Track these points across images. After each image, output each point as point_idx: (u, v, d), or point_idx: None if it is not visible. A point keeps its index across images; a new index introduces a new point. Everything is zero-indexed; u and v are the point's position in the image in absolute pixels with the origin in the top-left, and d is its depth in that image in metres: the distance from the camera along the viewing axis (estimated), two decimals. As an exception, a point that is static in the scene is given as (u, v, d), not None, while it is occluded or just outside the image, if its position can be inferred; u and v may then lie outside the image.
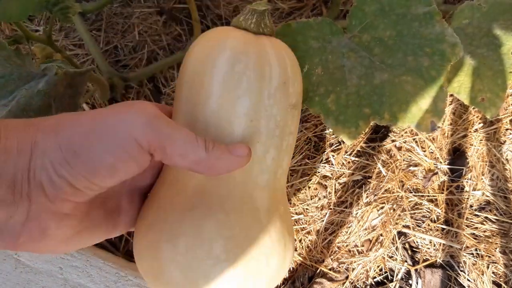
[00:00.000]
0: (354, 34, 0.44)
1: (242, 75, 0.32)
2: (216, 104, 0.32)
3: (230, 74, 0.31)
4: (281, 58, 0.34)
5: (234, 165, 0.30)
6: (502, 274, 0.71)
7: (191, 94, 0.33)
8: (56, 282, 0.64)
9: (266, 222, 0.33)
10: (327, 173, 0.76)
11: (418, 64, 0.41)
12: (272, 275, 0.33)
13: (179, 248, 0.30)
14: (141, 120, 0.27)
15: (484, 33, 0.51)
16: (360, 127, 0.42)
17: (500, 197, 0.74)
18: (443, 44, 0.41)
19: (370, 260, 0.72)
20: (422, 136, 0.77)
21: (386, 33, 0.43)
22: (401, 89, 0.41)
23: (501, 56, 0.50)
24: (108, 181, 0.27)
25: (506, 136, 0.77)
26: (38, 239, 0.27)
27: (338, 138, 0.78)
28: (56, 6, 0.47)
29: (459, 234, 0.73)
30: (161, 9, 0.85)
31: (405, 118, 0.41)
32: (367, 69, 0.42)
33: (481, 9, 0.51)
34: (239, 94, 0.31)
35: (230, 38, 0.33)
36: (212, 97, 0.32)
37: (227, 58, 0.32)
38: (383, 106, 0.41)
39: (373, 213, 0.74)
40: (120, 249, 0.72)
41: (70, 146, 0.26)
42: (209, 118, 0.32)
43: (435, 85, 0.40)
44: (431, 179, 0.75)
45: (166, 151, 0.27)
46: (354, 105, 0.42)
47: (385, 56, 0.42)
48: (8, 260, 0.66)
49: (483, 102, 0.49)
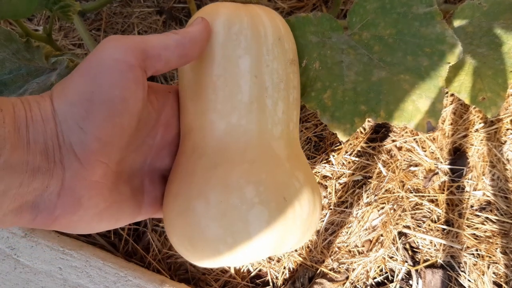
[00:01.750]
0: (354, 31, 0.44)
1: (239, 35, 0.34)
2: (220, 67, 0.34)
3: (228, 36, 0.34)
4: (272, 18, 0.37)
5: (201, 33, 0.33)
6: (502, 275, 0.71)
7: (195, 64, 0.35)
8: (56, 282, 0.64)
9: (289, 167, 0.34)
10: (327, 173, 0.76)
11: (417, 64, 0.41)
12: (304, 217, 0.34)
13: (211, 201, 0.31)
14: (119, 45, 0.29)
15: (484, 32, 0.50)
16: (355, 124, 0.41)
17: (500, 197, 0.74)
18: (443, 45, 0.40)
19: (370, 261, 0.72)
20: (423, 136, 0.77)
21: (387, 31, 0.43)
22: (398, 88, 0.41)
23: (501, 55, 0.49)
24: (125, 118, 0.29)
25: (506, 136, 0.76)
26: (73, 210, 0.28)
27: (339, 138, 0.78)
28: (56, 4, 0.47)
29: (460, 235, 0.73)
30: (161, 9, 0.85)
31: (401, 117, 0.40)
32: (365, 66, 0.42)
33: (482, 8, 0.51)
34: (240, 53, 0.34)
35: (222, 7, 0.36)
36: (215, 61, 0.34)
37: (223, 22, 0.34)
38: (380, 103, 0.41)
39: (373, 213, 0.74)
40: (119, 250, 0.72)
41: (81, 97, 0.28)
42: (216, 82, 0.34)
43: (433, 86, 0.40)
44: (432, 179, 0.75)
45: (149, 53, 0.30)
46: (350, 102, 0.42)
47: (384, 54, 0.42)
48: (7, 260, 0.65)
49: (484, 102, 0.49)
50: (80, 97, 0.28)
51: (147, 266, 0.70)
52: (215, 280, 0.71)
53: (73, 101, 0.28)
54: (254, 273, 0.72)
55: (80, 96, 0.28)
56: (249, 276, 0.71)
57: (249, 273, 0.72)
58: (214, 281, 0.71)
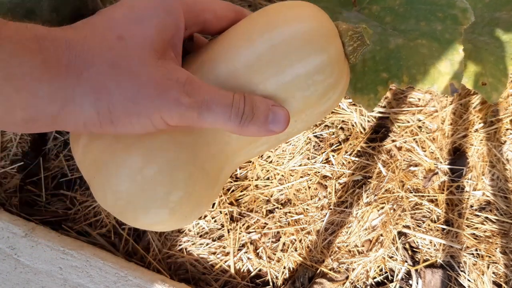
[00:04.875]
0: (364, 6, 0.44)
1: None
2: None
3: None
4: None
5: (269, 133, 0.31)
6: (502, 274, 0.71)
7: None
8: (56, 282, 0.64)
9: None
10: (327, 173, 0.76)
11: (432, 28, 0.41)
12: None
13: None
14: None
15: (486, 23, 0.51)
16: (379, 92, 0.41)
17: (500, 197, 0.74)
18: (454, 9, 0.41)
19: (370, 260, 0.72)
20: (423, 136, 0.77)
21: (396, 1, 0.43)
22: (417, 52, 0.41)
23: (502, 44, 0.50)
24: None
25: (506, 136, 0.77)
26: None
27: (339, 137, 0.78)
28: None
29: (460, 234, 0.73)
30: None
31: (425, 80, 0.40)
32: (380, 36, 0.42)
33: (484, 0, 0.52)
34: None
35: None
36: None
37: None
38: (401, 69, 0.41)
39: (373, 213, 0.74)
40: (119, 249, 0.72)
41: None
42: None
43: (451, 48, 0.40)
44: (432, 179, 0.75)
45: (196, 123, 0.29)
46: (371, 71, 0.41)
47: (397, 23, 0.42)
48: (7, 260, 0.65)
49: (485, 87, 0.49)
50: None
51: (147, 266, 0.70)
52: (215, 280, 0.71)
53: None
54: (254, 273, 0.72)
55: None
56: (249, 276, 0.72)
57: (249, 273, 0.72)
58: (214, 281, 0.71)
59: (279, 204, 0.75)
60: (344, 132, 0.78)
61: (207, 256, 0.72)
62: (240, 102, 0.29)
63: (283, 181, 0.76)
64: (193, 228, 0.74)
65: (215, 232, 0.73)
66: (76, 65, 0.25)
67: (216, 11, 0.33)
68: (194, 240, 0.73)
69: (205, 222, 0.74)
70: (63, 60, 0.25)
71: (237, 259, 0.72)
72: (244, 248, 0.72)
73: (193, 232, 0.73)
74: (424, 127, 0.79)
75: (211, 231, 0.74)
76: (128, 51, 0.27)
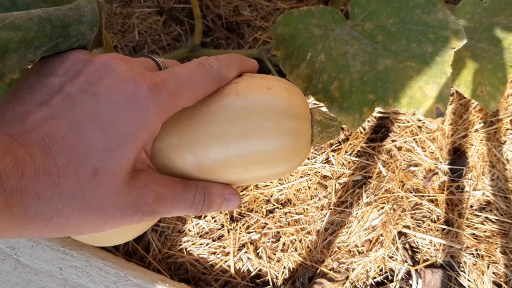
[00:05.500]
0: (357, 22, 0.44)
1: None
2: None
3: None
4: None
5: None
6: (502, 274, 0.71)
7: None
8: (56, 282, 0.64)
9: None
10: (327, 173, 0.76)
11: (422, 51, 0.41)
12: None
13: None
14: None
15: (485, 28, 0.51)
16: (364, 113, 0.41)
17: (500, 197, 0.74)
18: (446, 31, 0.41)
19: (370, 260, 0.72)
20: (423, 136, 0.77)
21: (389, 20, 0.43)
22: (405, 75, 0.41)
23: (501, 50, 0.50)
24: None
25: (506, 136, 0.77)
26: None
27: (339, 137, 0.78)
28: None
29: (460, 234, 0.73)
30: (161, 9, 0.85)
31: (410, 103, 0.40)
32: (370, 56, 0.42)
33: (482, 4, 0.52)
34: None
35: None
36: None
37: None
38: (388, 91, 0.41)
39: (373, 213, 0.74)
40: (119, 249, 0.72)
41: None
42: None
43: (439, 71, 0.40)
44: (432, 179, 0.75)
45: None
46: (358, 91, 0.42)
47: (388, 43, 0.42)
48: (7, 260, 0.65)
49: (483, 95, 0.49)
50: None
51: (147, 266, 0.70)
52: (215, 280, 0.71)
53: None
54: (254, 273, 0.72)
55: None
56: (249, 276, 0.72)
57: (249, 273, 0.72)
58: (214, 281, 0.71)
59: (279, 204, 0.75)
60: (344, 132, 0.78)
61: (207, 256, 0.72)
62: (200, 201, 0.31)
63: (283, 181, 0.76)
64: (193, 228, 0.74)
65: (215, 232, 0.73)
66: (45, 213, 0.25)
67: (198, 98, 0.30)
68: (194, 240, 0.73)
69: (205, 222, 0.74)
70: (30, 212, 0.24)
71: (237, 259, 0.72)
72: (244, 248, 0.72)
73: (193, 232, 0.73)
74: (424, 127, 0.79)
75: (211, 231, 0.74)
76: (101, 187, 0.26)
